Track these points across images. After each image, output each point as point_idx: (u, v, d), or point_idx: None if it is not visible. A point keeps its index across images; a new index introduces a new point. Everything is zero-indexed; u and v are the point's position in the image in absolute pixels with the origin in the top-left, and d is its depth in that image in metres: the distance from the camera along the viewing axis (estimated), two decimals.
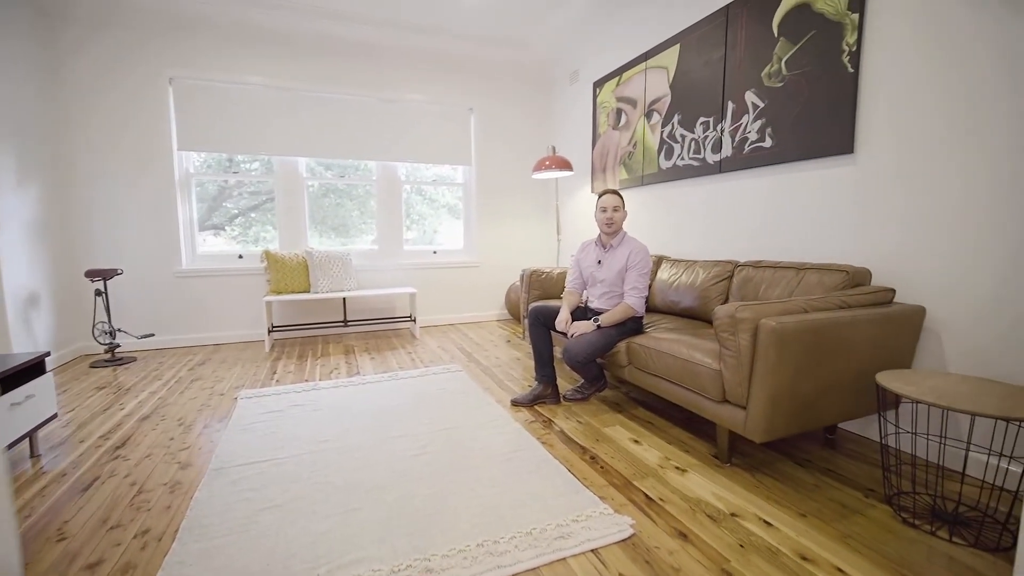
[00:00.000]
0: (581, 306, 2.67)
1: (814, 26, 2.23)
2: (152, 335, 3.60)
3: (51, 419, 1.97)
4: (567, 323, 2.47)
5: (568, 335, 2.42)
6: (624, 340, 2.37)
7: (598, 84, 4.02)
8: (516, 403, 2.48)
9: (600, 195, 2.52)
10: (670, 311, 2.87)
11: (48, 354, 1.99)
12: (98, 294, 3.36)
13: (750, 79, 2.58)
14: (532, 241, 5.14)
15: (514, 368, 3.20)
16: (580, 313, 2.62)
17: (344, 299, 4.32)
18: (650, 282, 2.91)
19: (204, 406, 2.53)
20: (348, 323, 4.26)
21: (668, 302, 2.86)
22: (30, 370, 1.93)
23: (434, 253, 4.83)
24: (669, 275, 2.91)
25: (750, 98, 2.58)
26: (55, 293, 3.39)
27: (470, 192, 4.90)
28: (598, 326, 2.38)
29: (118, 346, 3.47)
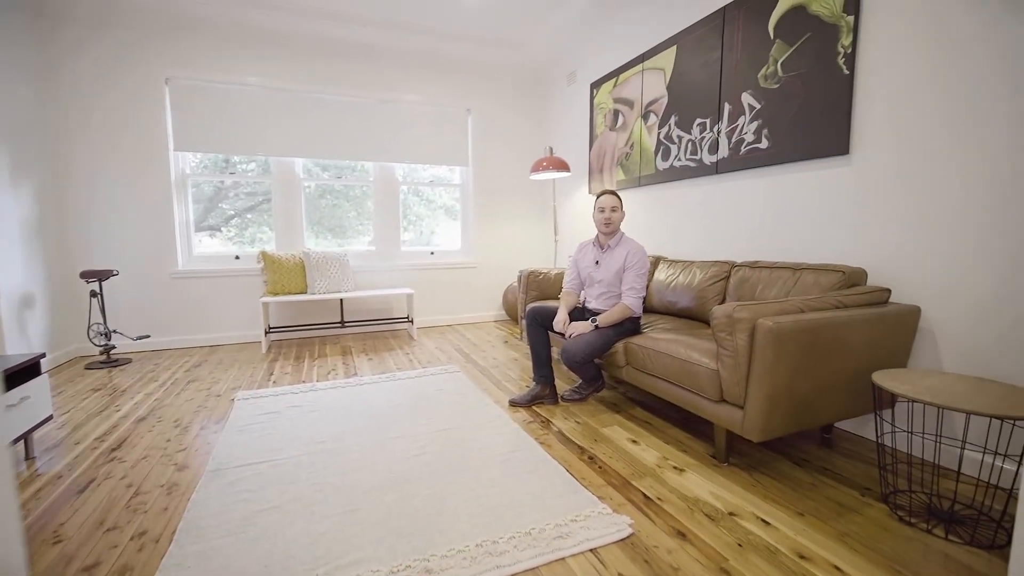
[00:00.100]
0: (579, 306, 2.68)
1: (810, 28, 2.25)
2: (148, 336, 3.58)
3: (46, 421, 1.95)
4: (565, 324, 2.47)
5: (566, 336, 2.42)
6: (622, 340, 2.37)
7: (595, 85, 4.03)
8: (514, 404, 2.48)
9: (598, 196, 2.52)
10: (667, 311, 2.88)
11: (43, 355, 1.98)
12: (93, 295, 3.34)
13: (746, 80, 2.59)
14: (529, 242, 5.14)
15: (512, 369, 3.20)
16: (578, 314, 2.62)
17: (341, 300, 4.30)
18: (648, 282, 2.91)
19: (201, 407, 2.52)
20: (345, 324, 4.25)
21: (665, 302, 2.86)
22: (25, 372, 1.92)
23: (431, 254, 4.82)
24: (666, 275, 2.92)
25: (746, 99, 2.60)
26: (50, 294, 3.37)
27: (467, 193, 4.90)
28: (596, 326, 2.38)
29: (113, 348, 3.45)
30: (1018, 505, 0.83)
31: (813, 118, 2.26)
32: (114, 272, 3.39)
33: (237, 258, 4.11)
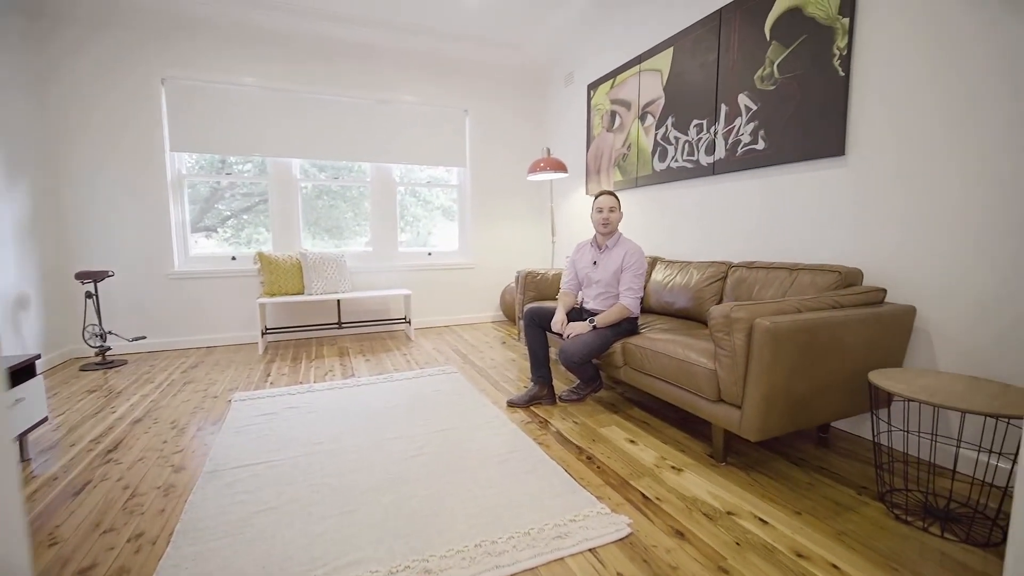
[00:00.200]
0: (576, 307, 2.68)
1: (805, 30, 2.26)
2: (144, 338, 3.57)
3: (41, 423, 1.94)
4: (563, 324, 2.48)
5: (564, 336, 2.43)
6: (620, 341, 2.38)
7: (592, 86, 4.04)
8: (512, 404, 2.48)
9: (596, 196, 2.53)
10: (665, 312, 2.89)
11: (39, 356, 1.97)
12: (89, 296, 3.32)
13: (743, 82, 2.61)
14: (527, 243, 5.14)
15: (509, 369, 3.20)
16: (575, 314, 2.63)
17: (338, 301, 4.30)
18: (645, 283, 2.92)
19: (197, 409, 2.50)
20: (342, 325, 4.24)
21: (663, 303, 2.87)
22: (20, 373, 1.90)
23: (429, 255, 4.82)
24: (664, 276, 2.92)
25: (743, 101, 2.61)
26: (45, 295, 3.35)
27: (465, 194, 4.90)
28: (594, 327, 2.39)
29: (109, 349, 3.43)
30: (1013, 503, 0.84)
31: (809, 119, 2.28)
32: (110, 273, 3.37)
33: (233, 259, 4.09)
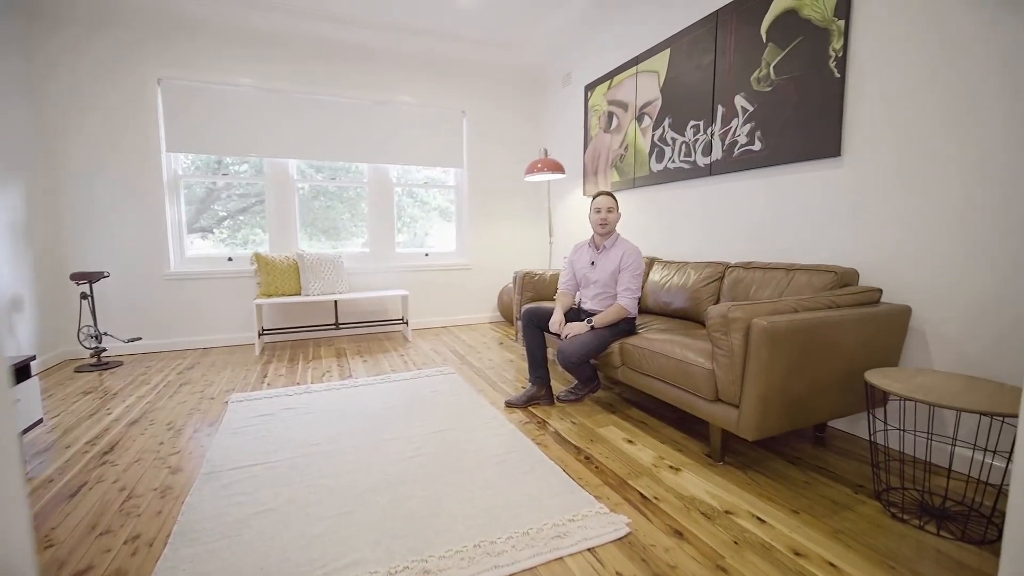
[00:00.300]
0: (574, 307, 2.69)
1: (801, 32, 2.28)
2: (139, 339, 3.55)
3: (36, 424, 1.93)
4: (561, 324, 2.48)
5: (562, 336, 2.43)
6: (617, 341, 2.38)
7: (589, 87, 4.05)
8: (510, 405, 2.48)
9: (594, 196, 2.54)
10: (662, 312, 2.90)
11: (33, 358, 1.95)
12: (84, 297, 3.30)
13: (739, 83, 2.62)
14: (524, 243, 5.15)
15: (507, 370, 3.20)
16: (573, 314, 2.63)
17: (336, 302, 4.29)
18: (643, 283, 2.93)
19: (194, 410, 2.49)
20: (340, 326, 4.23)
21: (660, 303, 2.88)
22: (15, 374, 1.89)
23: (426, 256, 4.81)
24: (661, 276, 2.93)
25: (739, 102, 2.62)
26: (39, 296, 3.32)
27: (462, 194, 4.90)
28: (591, 327, 2.39)
29: (104, 350, 3.41)
30: (1008, 501, 0.85)
31: (805, 121, 2.29)
32: (105, 274, 3.35)
33: (230, 260, 4.08)
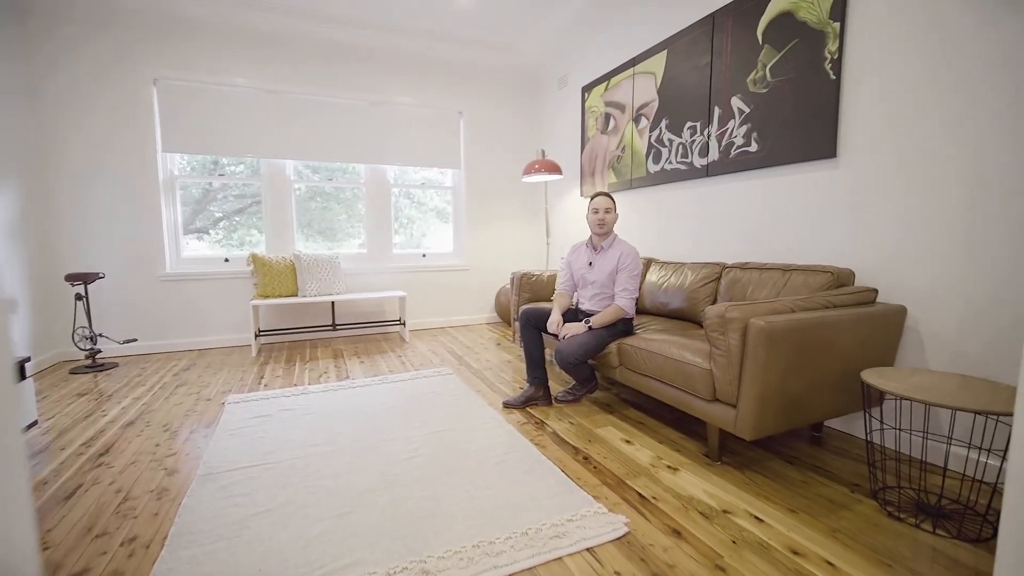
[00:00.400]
0: (572, 308, 2.69)
1: (797, 34, 2.29)
2: (135, 340, 3.53)
3: (31, 426, 1.91)
4: (558, 325, 2.48)
5: (559, 337, 2.43)
6: (615, 341, 2.38)
7: (587, 89, 4.06)
8: (508, 405, 2.48)
9: (592, 197, 2.54)
10: (659, 312, 2.91)
11: (28, 359, 1.94)
12: (79, 298, 3.28)
13: (736, 85, 2.63)
14: (522, 244, 5.15)
15: (505, 371, 3.20)
16: (571, 315, 2.63)
17: (333, 303, 4.28)
18: (640, 284, 2.94)
19: (190, 411, 2.48)
20: (337, 327, 4.23)
21: (657, 303, 2.89)
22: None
23: (423, 256, 4.81)
24: (658, 277, 2.94)
25: (736, 103, 2.64)
26: (33, 297, 3.30)
27: (459, 195, 4.90)
28: (589, 327, 2.40)
29: (99, 351, 3.39)
30: (1003, 499, 0.85)
31: (801, 122, 2.30)
32: (100, 275, 3.33)
33: (226, 260, 4.06)
